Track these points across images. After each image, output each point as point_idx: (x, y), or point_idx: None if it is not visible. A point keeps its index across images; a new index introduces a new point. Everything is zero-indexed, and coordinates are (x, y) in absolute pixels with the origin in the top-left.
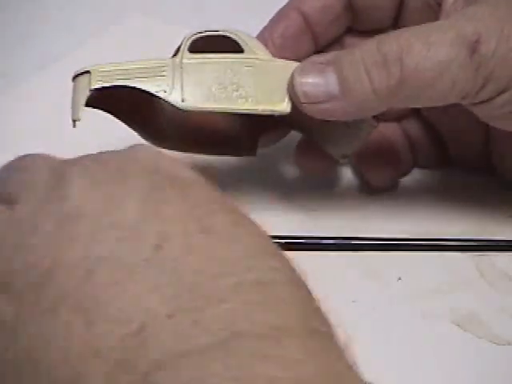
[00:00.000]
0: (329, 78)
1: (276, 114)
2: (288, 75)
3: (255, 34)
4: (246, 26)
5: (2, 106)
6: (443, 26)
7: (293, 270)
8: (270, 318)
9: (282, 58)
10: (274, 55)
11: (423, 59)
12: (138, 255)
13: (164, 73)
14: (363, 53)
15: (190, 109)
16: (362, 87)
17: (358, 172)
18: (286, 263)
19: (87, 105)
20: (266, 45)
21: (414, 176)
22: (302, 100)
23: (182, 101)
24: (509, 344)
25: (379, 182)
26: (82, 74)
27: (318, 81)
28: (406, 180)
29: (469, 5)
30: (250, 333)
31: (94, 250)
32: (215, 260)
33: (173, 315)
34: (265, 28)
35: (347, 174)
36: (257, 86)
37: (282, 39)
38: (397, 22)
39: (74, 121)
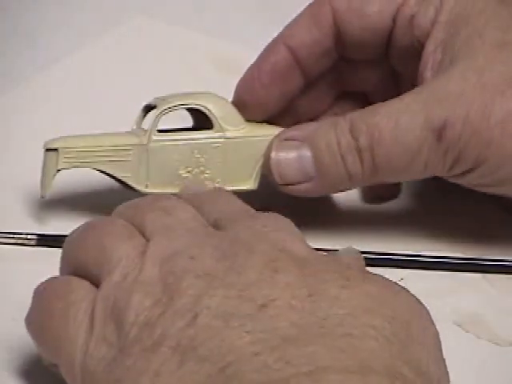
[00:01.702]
0: (304, 158)
1: (243, 191)
2: (256, 151)
3: (255, 35)
4: (245, 26)
5: (2, 105)
6: (412, 107)
7: (399, 327)
8: (354, 360)
9: (271, 95)
10: (262, 93)
11: (394, 147)
12: (241, 311)
13: (129, 157)
14: (338, 134)
15: (153, 194)
16: (338, 171)
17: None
18: (392, 320)
19: None
20: (254, 81)
21: (415, 183)
22: (279, 182)
23: (146, 187)
24: (511, 345)
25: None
26: (51, 149)
27: (293, 161)
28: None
29: (445, 62)
30: (335, 367)
31: (204, 301)
32: (313, 316)
33: (259, 353)
34: (253, 64)
35: None
36: (224, 165)
37: (270, 75)
38: (386, 54)
39: (43, 196)
